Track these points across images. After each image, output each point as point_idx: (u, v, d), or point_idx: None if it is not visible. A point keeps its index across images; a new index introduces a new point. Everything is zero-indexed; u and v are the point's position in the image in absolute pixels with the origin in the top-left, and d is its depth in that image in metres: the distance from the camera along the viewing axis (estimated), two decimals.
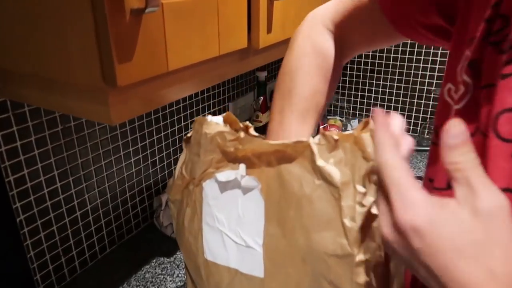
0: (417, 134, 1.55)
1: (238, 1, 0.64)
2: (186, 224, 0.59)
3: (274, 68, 1.48)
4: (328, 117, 1.60)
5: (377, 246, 0.42)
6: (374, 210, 0.42)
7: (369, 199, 0.42)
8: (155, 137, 1.01)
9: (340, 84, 1.64)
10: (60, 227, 0.82)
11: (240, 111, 1.34)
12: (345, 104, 1.66)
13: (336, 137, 0.42)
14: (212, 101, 1.21)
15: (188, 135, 0.57)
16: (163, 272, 0.88)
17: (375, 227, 0.43)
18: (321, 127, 1.50)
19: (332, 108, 1.68)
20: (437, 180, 0.43)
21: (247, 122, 0.60)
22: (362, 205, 0.42)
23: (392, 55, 1.51)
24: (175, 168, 0.60)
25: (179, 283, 0.85)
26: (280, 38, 0.78)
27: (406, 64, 1.49)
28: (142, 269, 0.90)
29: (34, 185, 0.75)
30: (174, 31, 0.53)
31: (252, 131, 0.58)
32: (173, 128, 1.07)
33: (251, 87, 1.37)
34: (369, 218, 0.42)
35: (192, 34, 0.56)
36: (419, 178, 1.21)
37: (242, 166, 0.51)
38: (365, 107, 1.63)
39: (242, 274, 0.55)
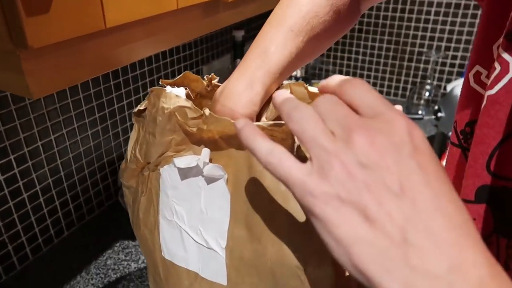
0: (406, 99, 1.46)
1: None
2: (141, 215, 0.49)
3: (253, 27, 1.34)
4: (313, 81, 1.48)
5: None
6: None
7: None
8: (116, 106, 0.89)
9: None
10: (3, 212, 0.71)
11: (216, 75, 1.21)
12: (330, 67, 1.54)
13: None
14: (184, 64, 1.08)
15: (140, 107, 0.46)
16: (127, 258, 0.79)
17: None
18: None
19: (317, 71, 1.57)
20: (463, 191, 0.33)
21: (212, 74, 0.50)
22: None
23: (381, 13, 1.38)
24: None
25: (144, 271, 0.76)
26: None
27: (396, 23, 1.37)
28: (104, 254, 0.80)
29: None
30: None
31: (216, 82, 0.48)
32: (138, 95, 0.94)
33: (227, 48, 1.24)
34: None
35: None
36: None
37: (206, 151, 0.41)
38: (351, 70, 1.51)
39: (202, 279, 0.45)
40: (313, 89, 0.46)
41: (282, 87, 0.47)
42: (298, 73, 1.23)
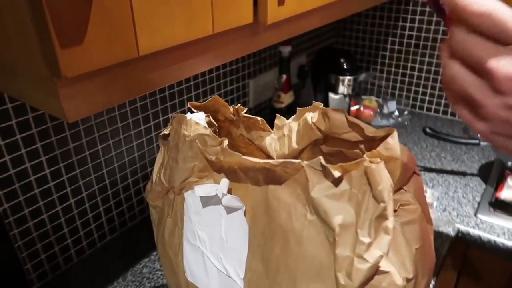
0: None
1: None
2: (166, 236, 0.50)
3: (300, 41, 1.33)
4: (363, 97, 1.44)
5: None
6: (383, 267, 0.31)
7: (375, 252, 0.30)
8: (161, 119, 0.92)
9: (379, 60, 1.46)
10: (52, 216, 0.76)
11: (262, 89, 1.21)
12: (383, 83, 1.49)
13: (338, 173, 0.30)
14: (230, 78, 1.09)
15: (165, 132, 0.47)
16: (162, 268, 0.81)
17: (383, 287, 0.31)
18: (353, 107, 1.35)
19: (369, 86, 1.52)
20: None
21: (239, 105, 0.50)
22: (364, 260, 0.30)
23: (432, 27, 1.31)
24: None
25: None
26: (296, 12, 0.65)
27: None
28: (141, 262, 0.83)
29: (17, 173, 0.69)
30: (147, 3, 0.42)
31: (243, 113, 0.48)
32: (183, 108, 0.97)
33: (274, 62, 1.24)
34: (374, 275, 0.31)
35: (174, 7, 0.45)
36: (461, 173, 1.05)
37: (224, 182, 0.41)
38: (405, 86, 1.45)
39: None
40: (352, 118, 0.44)
41: (315, 109, 0.45)
42: (346, 90, 1.20)
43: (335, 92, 1.21)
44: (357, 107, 1.36)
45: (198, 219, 0.45)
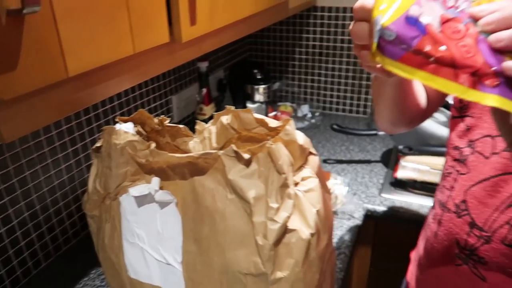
0: (367, 116, 1.55)
1: None
2: (106, 241, 0.54)
3: (217, 57, 1.43)
4: (279, 103, 1.57)
5: (295, 262, 0.40)
6: (290, 225, 0.39)
7: (282, 214, 0.39)
8: (88, 140, 0.94)
9: (290, 69, 1.61)
10: None
11: (185, 104, 1.28)
12: (296, 89, 1.63)
13: (247, 155, 0.38)
14: (153, 95, 1.14)
15: (97, 145, 0.52)
16: (103, 284, 0.84)
17: (293, 243, 0.40)
18: (271, 114, 1.47)
19: (283, 93, 1.65)
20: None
21: (162, 116, 0.57)
22: (275, 221, 0.39)
23: (339, 37, 1.48)
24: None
25: None
26: (208, 30, 0.73)
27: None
28: (80, 282, 0.84)
29: None
30: (72, 31, 0.47)
31: (167, 123, 0.55)
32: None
33: (195, 78, 1.31)
34: (285, 234, 0.39)
35: (96, 32, 0.51)
36: (367, 161, 1.21)
37: (155, 180, 0.47)
38: (315, 91, 1.61)
39: None
40: (258, 115, 0.53)
41: (228, 113, 0.54)
42: (262, 97, 1.32)
43: (252, 101, 1.32)
44: (274, 113, 1.49)
45: (135, 219, 0.50)
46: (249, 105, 1.32)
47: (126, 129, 0.49)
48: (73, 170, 0.92)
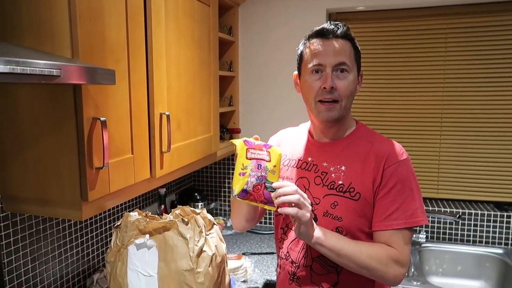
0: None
1: (143, 154, 1.27)
2: (117, 271, 1.12)
3: (171, 185, 2.10)
4: (215, 218, 2.20)
5: (205, 264, 1.01)
6: (204, 249, 1.02)
7: (200, 243, 1.02)
8: (98, 231, 1.50)
9: (222, 194, 2.29)
10: None
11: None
12: (227, 208, 2.29)
13: (186, 219, 1.03)
14: (129, 210, 1.75)
15: (117, 223, 1.14)
16: None
17: (205, 256, 1.02)
18: None
19: (217, 211, 2.30)
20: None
21: (149, 213, 1.19)
22: (197, 246, 1.01)
23: None
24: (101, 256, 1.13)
25: None
26: (169, 170, 1.41)
27: None
28: None
29: None
30: (116, 175, 1.12)
31: (149, 215, 1.18)
32: (93, 233, 1.57)
33: (156, 198, 1.95)
34: (201, 252, 1.02)
35: (125, 176, 1.16)
36: (261, 253, 1.82)
37: (147, 236, 1.09)
38: None
39: None
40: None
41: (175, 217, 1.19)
42: None
43: None
44: None
45: (135, 256, 1.10)
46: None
47: (133, 214, 1.12)
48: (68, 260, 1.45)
